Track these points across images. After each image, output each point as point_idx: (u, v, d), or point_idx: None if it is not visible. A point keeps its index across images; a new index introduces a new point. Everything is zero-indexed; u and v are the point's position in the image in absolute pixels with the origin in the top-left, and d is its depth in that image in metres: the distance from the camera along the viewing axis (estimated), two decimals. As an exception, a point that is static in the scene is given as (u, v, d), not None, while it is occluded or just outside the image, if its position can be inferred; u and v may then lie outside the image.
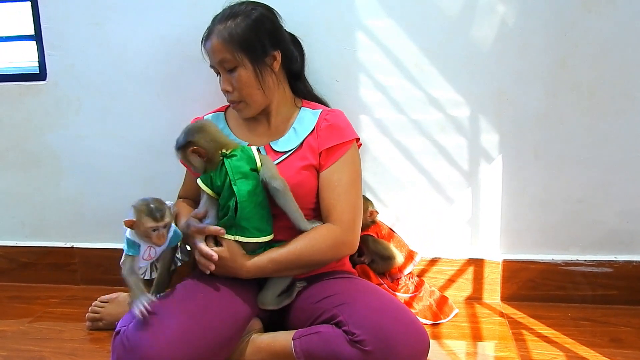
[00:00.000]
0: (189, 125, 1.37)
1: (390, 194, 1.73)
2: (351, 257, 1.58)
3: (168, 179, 1.68)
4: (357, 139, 1.45)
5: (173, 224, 1.40)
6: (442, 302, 1.64)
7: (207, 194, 1.33)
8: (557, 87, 1.60)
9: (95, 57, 1.78)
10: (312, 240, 1.33)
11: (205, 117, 1.50)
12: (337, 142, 1.40)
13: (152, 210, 1.30)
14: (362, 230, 1.55)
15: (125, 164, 1.85)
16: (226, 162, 1.31)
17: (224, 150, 1.32)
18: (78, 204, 1.92)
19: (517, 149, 1.65)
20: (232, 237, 1.30)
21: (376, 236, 1.63)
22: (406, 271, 1.64)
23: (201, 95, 1.72)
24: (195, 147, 1.31)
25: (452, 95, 1.64)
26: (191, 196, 1.56)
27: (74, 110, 1.84)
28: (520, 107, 1.63)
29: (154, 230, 1.31)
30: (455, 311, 1.63)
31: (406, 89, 1.65)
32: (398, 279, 1.63)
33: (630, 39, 1.55)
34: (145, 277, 1.51)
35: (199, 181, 1.33)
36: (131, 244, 1.35)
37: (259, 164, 1.32)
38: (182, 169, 1.57)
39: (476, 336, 1.52)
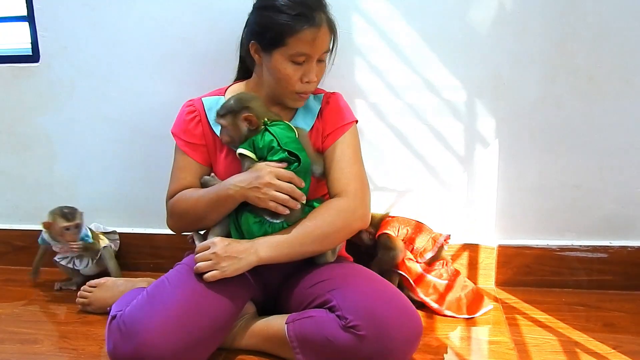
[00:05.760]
0: (239, 94, 1.37)
1: (386, 178, 1.72)
2: (361, 241, 1.62)
3: (162, 162, 1.66)
4: (356, 121, 1.46)
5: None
6: (475, 298, 1.57)
7: (251, 161, 1.30)
8: (555, 71, 1.59)
9: (88, 39, 1.76)
10: (317, 213, 1.32)
11: (202, 100, 1.47)
12: (340, 124, 1.41)
13: (64, 212, 1.66)
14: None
15: (118, 148, 1.83)
16: (272, 128, 1.31)
17: (266, 119, 1.32)
18: (71, 188, 1.91)
19: (513, 134, 1.64)
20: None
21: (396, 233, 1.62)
22: (426, 255, 1.60)
23: (194, 78, 1.70)
24: (249, 115, 1.30)
25: (449, 79, 1.62)
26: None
27: (67, 93, 1.82)
28: (517, 91, 1.61)
29: (67, 229, 1.66)
30: (487, 308, 1.56)
31: (402, 73, 1.64)
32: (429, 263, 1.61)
33: (628, 22, 1.54)
34: (65, 264, 1.78)
35: (242, 150, 1.30)
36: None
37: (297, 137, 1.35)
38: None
39: (470, 320, 1.52)
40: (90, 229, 1.76)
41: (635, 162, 1.62)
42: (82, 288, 1.64)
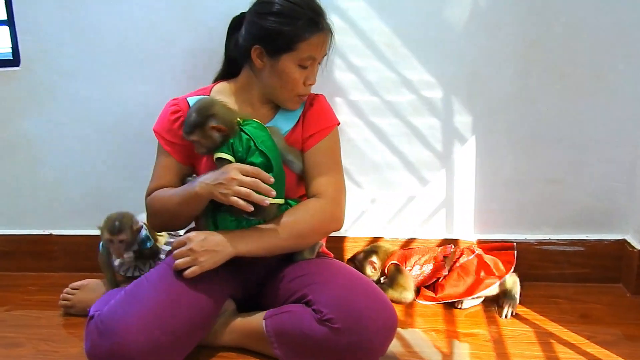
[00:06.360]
0: (197, 103, 1.33)
1: (365, 175, 1.74)
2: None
3: (145, 163, 1.65)
4: (338, 124, 1.48)
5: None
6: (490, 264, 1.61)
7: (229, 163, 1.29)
8: (529, 68, 1.62)
9: (69, 42, 1.77)
10: (295, 210, 1.34)
11: (187, 99, 1.45)
12: (322, 127, 1.43)
13: (112, 224, 1.53)
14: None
15: (101, 149, 1.84)
16: (246, 128, 1.30)
17: (239, 119, 1.32)
18: (55, 191, 1.91)
19: (490, 130, 1.66)
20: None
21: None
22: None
23: (176, 78, 1.72)
24: (216, 125, 1.28)
25: (425, 77, 1.65)
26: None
27: (48, 96, 1.83)
28: (492, 88, 1.64)
29: (111, 241, 1.53)
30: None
31: (379, 71, 1.66)
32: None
33: (600, 20, 1.57)
34: (127, 275, 1.67)
35: (222, 154, 1.29)
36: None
37: (270, 134, 1.35)
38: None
39: (448, 314, 1.54)
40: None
41: (610, 157, 1.65)
42: (64, 290, 1.64)
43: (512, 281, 1.56)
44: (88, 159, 1.86)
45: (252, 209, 1.23)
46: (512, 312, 1.51)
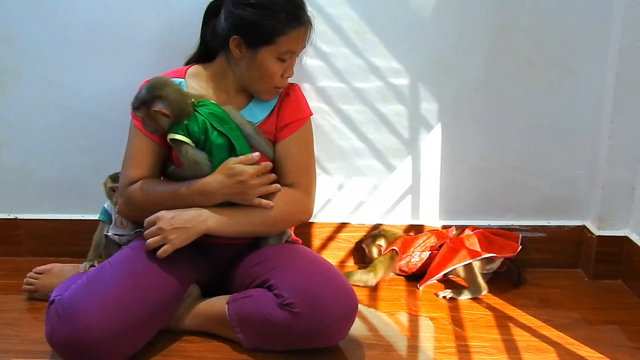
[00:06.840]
0: (151, 80, 1.30)
1: (333, 162, 1.75)
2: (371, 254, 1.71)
3: (112, 148, 1.65)
4: (312, 114, 1.48)
5: None
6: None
7: (188, 146, 1.29)
8: (495, 57, 1.64)
9: (36, 24, 1.72)
10: (270, 197, 1.35)
11: None
12: (296, 117, 1.43)
13: (115, 174, 1.56)
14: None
15: (68, 134, 1.81)
16: (200, 109, 1.30)
17: (194, 100, 1.31)
18: (21, 175, 1.88)
19: (455, 118, 1.68)
20: None
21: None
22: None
23: (144, 63, 1.69)
24: (159, 110, 1.26)
25: (393, 64, 1.66)
26: (154, 176, 1.41)
27: (13, 79, 1.78)
28: (459, 76, 1.65)
29: (113, 190, 1.57)
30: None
31: (347, 57, 1.66)
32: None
33: (566, 10, 1.59)
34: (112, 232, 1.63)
35: (176, 135, 1.27)
36: (103, 211, 1.62)
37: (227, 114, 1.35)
38: (126, 138, 1.46)
39: (411, 299, 1.57)
40: None
41: (572, 145, 1.68)
42: (28, 275, 1.63)
43: (481, 288, 1.56)
44: (54, 143, 1.83)
45: (272, 205, 1.32)
46: (451, 297, 1.54)
